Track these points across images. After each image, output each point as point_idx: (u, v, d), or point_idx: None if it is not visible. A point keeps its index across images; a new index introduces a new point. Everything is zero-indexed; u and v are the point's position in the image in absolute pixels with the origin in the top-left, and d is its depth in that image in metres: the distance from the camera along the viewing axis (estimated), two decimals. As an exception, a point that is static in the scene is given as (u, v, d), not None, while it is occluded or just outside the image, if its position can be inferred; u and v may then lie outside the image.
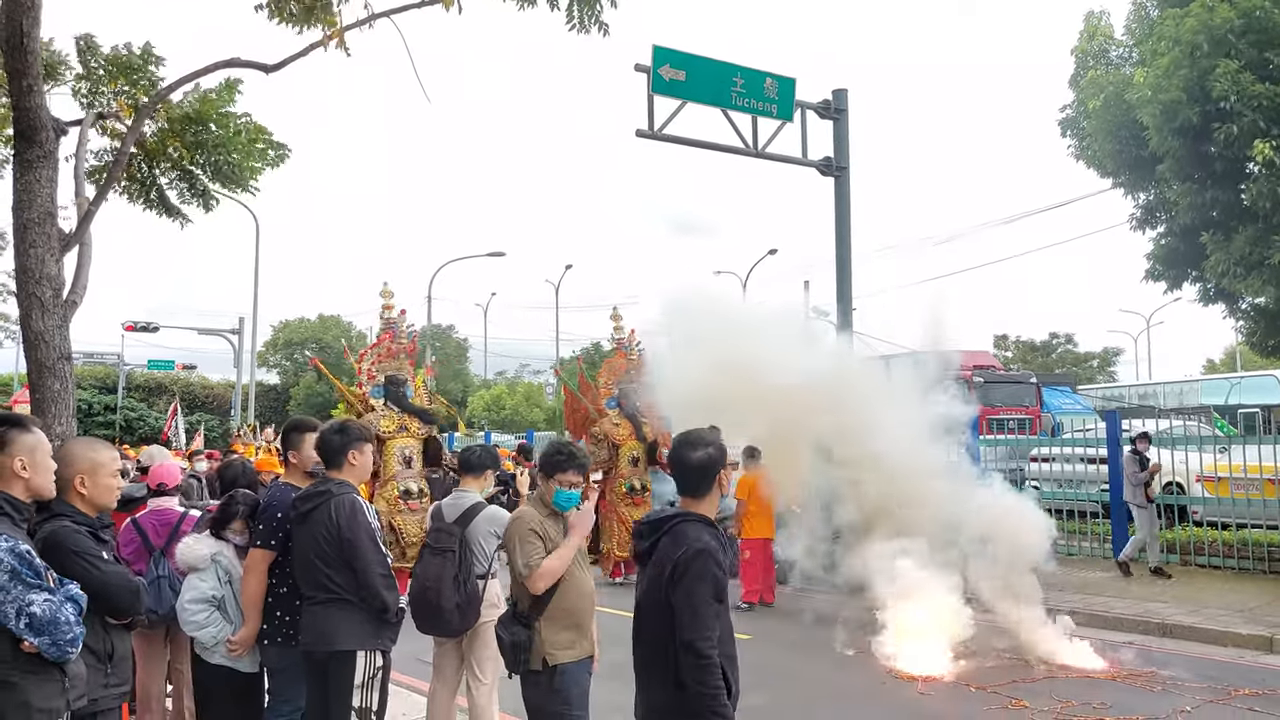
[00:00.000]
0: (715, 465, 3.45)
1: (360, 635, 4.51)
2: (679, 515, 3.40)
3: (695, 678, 3.17)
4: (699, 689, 3.16)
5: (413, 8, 6.49)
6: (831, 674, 8.07)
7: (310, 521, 4.52)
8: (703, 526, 3.35)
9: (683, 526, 3.34)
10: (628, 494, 13.37)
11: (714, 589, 3.24)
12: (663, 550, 3.33)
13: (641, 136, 12.79)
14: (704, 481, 3.44)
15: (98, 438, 4.06)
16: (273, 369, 51.30)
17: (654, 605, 3.32)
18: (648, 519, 3.54)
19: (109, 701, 3.54)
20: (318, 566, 4.49)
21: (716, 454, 3.47)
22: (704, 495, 3.44)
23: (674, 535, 3.33)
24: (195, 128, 7.84)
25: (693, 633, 3.16)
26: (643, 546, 3.44)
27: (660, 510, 3.55)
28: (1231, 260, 14.31)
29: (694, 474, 3.43)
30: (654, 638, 3.34)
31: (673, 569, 3.23)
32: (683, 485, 3.48)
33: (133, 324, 33.86)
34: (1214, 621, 9.54)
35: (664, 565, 3.28)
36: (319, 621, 4.50)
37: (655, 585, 3.31)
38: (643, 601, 3.43)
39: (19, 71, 5.54)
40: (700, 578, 3.20)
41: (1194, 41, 13.45)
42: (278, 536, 4.71)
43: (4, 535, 3.04)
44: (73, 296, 5.96)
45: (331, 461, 4.67)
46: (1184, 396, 24.01)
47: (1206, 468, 13.22)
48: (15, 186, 5.70)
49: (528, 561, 4.26)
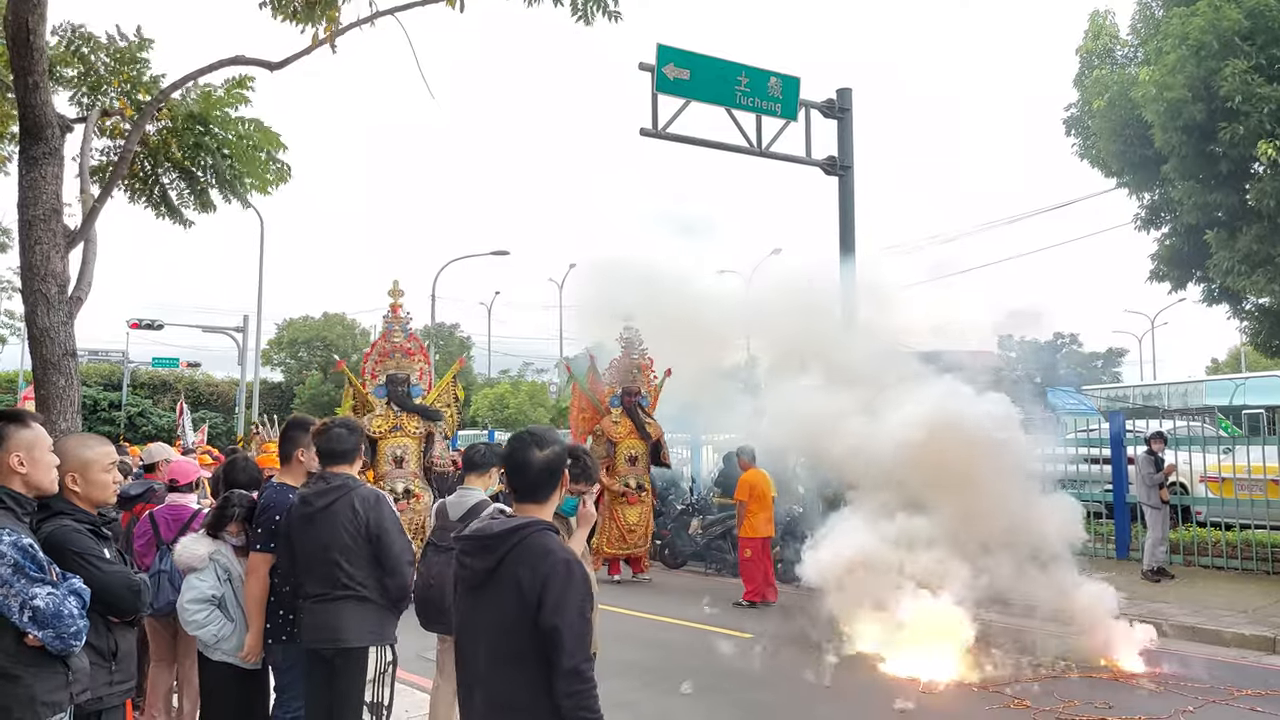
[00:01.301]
0: (560, 467, 3.13)
1: (371, 631, 4.55)
2: (527, 525, 2.98)
3: (582, 704, 2.83)
4: (584, 715, 2.84)
5: (416, 5, 6.49)
6: (834, 673, 8.07)
7: (329, 516, 4.52)
8: (555, 535, 3.01)
9: (537, 538, 2.95)
10: (623, 492, 13.40)
11: (590, 604, 2.95)
12: (516, 566, 2.92)
13: (646, 135, 12.79)
14: (549, 484, 3.10)
15: (92, 433, 4.04)
16: (277, 367, 51.29)
17: (507, 631, 2.91)
18: (482, 532, 3.07)
19: (114, 699, 3.54)
20: (334, 561, 4.49)
21: (562, 453, 3.15)
22: (546, 500, 3.10)
23: (530, 549, 2.93)
24: (198, 128, 7.84)
25: (577, 658, 2.83)
26: (485, 564, 2.99)
27: (489, 522, 3.13)
28: (1236, 259, 14.29)
29: (538, 475, 3.07)
30: (509, 669, 2.92)
31: (542, 587, 2.85)
32: (524, 489, 3.09)
33: (137, 321, 33.95)
34: (1217, 622, 9.53)
35: (523, 584, 2.88)
36: (329, 618, 4.49)
37: (507, 607, 2.91)
38: (484, 627, 2.98)
39: (25, 69, 5.54)
40: (578, 594, 2.88)
41: (1201, 40, 13.43)
42: (277, 538, 4.71)
43: (7, 529, 3.06)
44: (78, 293, 5.97)
45: (344, 457, 4.70)
46: (1188, 397, 23.92)
47: (1210, 468, 13.21)
48: (21, 183, 5.70)
49: None
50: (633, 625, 10.38)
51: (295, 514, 4.62)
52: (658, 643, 9.55)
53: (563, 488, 3.15)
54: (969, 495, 8.45)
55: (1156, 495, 12.06)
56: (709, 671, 8.43)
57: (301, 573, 4.61)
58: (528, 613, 2.86)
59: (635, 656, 8.63)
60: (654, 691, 7.71)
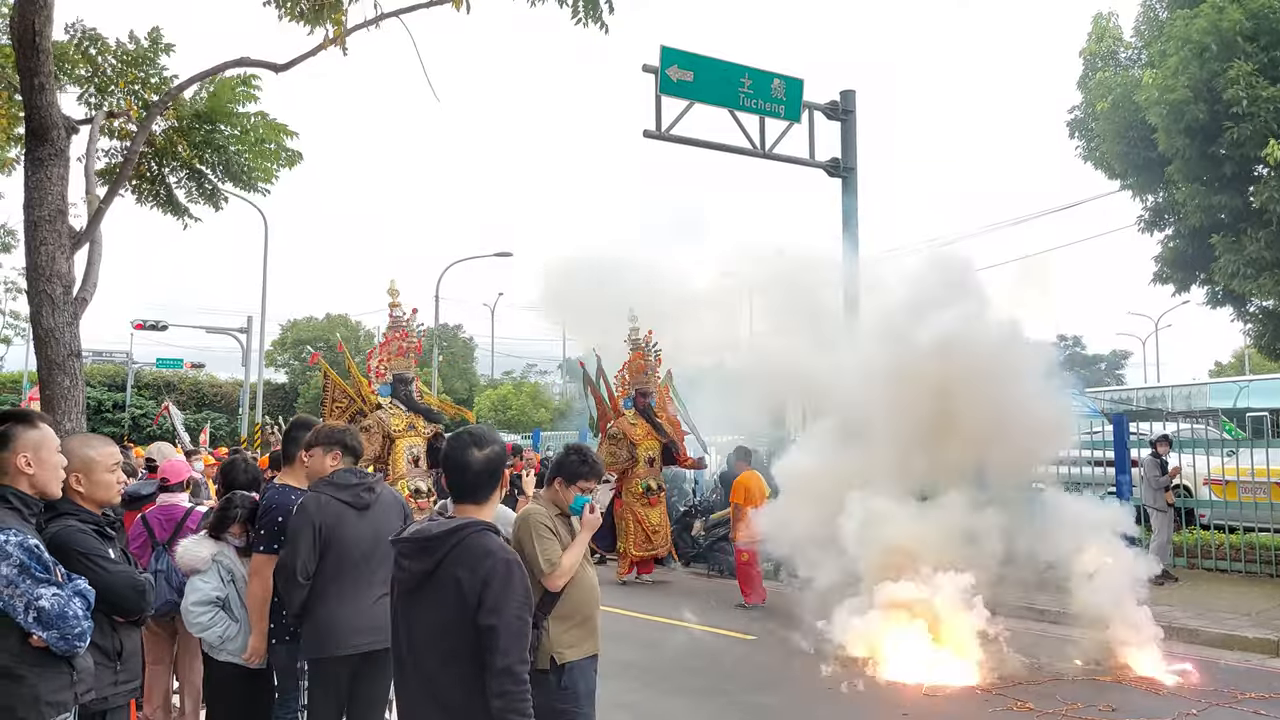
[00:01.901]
0: (499, 466, 3.10)
1: None
2: (466, 526, 2.95)
3: (512, 706, 2.82)
4: (515, 717, 2.83)
5: (421, 7, 6.51)
6: (837, 675, 8.07)
7: (379, 510, 4.56)
8: (495, 535, 2.98)
9: (476, 539, 2.93)
10: (644, 494, 13.45)
11: (529, 605, 2.93)
12: (455, 567, 2.90)
13: (649, 137, 12.81)
14: (489, 485, 3.08)
15: (96, 434, 4.05)
16: (281, 368, 51.41)
17: (445, 632, 2.91)
18: (420, 534, 3.03)
19: (119, 699, 3.56)
20: (375, 560, 4.47)
21: (503, 453, 3.13)
22: (486, 500, 3.08)
23: (469, 550, 2.91)
24: (205, 126, 7.87)
25: (511, 657, 2.82)
26: (423, 566, 2.97)
27: (428, 523, 3.08)
28: (1242, 262, 14.28)
29: (477, 476, 3.05)
30: (446, 670, 2.91)
31: (482, 587, 2.84)
32: (463, 489, 3.07)
33: (142, 322, 34.02)
34: (1221, 625, 9.51)
35: (463, 585, 2.86)
36: (379, 619, 4.27)
37: (447, 609, 2.90)
38: (421, 629, 2.98)
39: (31, 70, 5.57)
40: (517, 593, 2.87)
41: (1203, 42, 13.43)
42: (280, 540, 4.65)
43: (13, 530, 3.07)
44: (83, 294, 5.99)
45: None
46: (1192, 400, 23.89)
47: (1214, 471, 13.19)
48: (27, 184, 5.73)
49: (549, 558, 4.24)
50: (633, 626, 10.38)
51: (338, 506, 4.47)
52: (658, 644, 9.54)
53: (502, 489, 3.14)
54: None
55: (1162, 498, 12.04)
56: (710, 673, 8.43)
57: (344, 569, 4.43)
58: (467, 614, 2.85)
59: (635, 657, 8.63)
60: (654, 692, 7.71)
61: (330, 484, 4.56)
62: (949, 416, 8.69)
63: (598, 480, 4.48)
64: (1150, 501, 12.17)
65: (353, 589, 4.43)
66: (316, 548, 4.37)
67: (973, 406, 8.59)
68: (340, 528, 4.43)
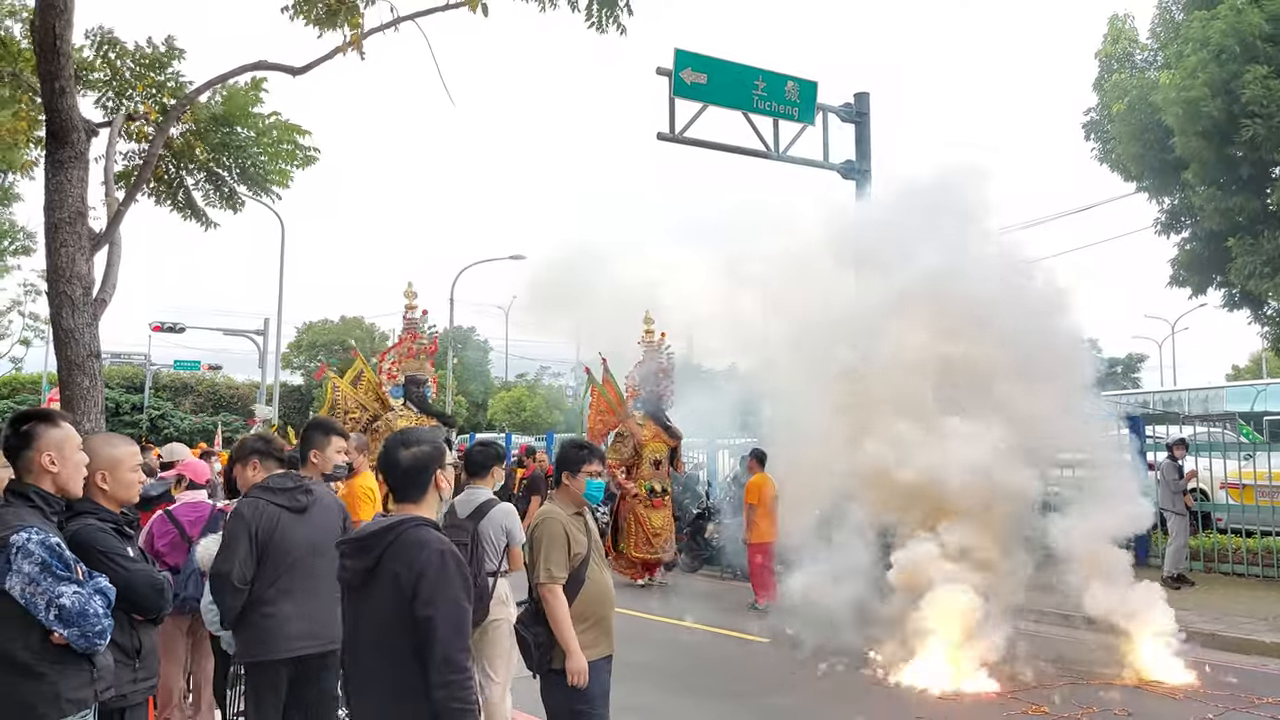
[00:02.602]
0: (428, 464, 3.15)
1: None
2: (402, 522, 3.02)
3: (455, 695, 2.85)
4: (458, 706, 2.86)
5: (438, 10, 6.55)
6: (849, 678, 8.07)
7: (320, 512, 4.50)
8: (433, 529, 3.04)
9: (412, 533, 2.99)
10: (647, 496, 13.42)
11: (467, 594, 2.96)
12: (393, 562, 2.96)
13: (663, 139, 12.82)
14: (419, 482, 3.14)
15: (116, 433, 4.09)
16: (296, 370, 51.68)
17: (388, 627, 2.95)
18: (360, 533, 3.14)
19: (138, 696, 3.59)
20: (320, 560, 4.35)
21: (432, 452, 3.17)
22: (421, 498, 3.14)
23: (405, 544, 2.97)
24: (222, 129, 7.94)
25: (451, 646, 2.86)
26: (364, 564, 3.03)
27: (371, 524, 3.16)
28: (1259, 263, 14.20)
29: (406, 474, 3.13)
30: (392, 665, 2.95)
31: (418, 579, 2.89)
32: (396, 488, 3.16)
33: (160, 324, 34.24)
34: (1237, 629, 9.46)
35: (401, 578, 2.92)
36: (329, 619, 4.21)
37: (387, 603, 2.95)
38: (367, 627, 3.05)
39: (52, 74, 5.63)
40: (453, 583, 2.91)
41: (1222, 44, 13.36)
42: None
43: (35, 528, 3.10)
44: (102, 295, 6.05)
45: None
46: (1209, 403, 23.73)
47: (1231, 474, 13.11)
48: (47, 186, 5.79)
49: (549, 569, 4.29)
50: (648, 628, 10.39)
51: (274, 509, 4.41)
52: (672, 646, 9.56)
53: (437, 487, 3.19)
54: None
55: (1180, 501, 11.98)
56: (723, 675, 8.44)
57: (280, 572, 4.36)
58: (405, 606, 2.90)
59: (647, 659, 8.64)
60: (666, 694, 7.72)
61: (265, 489, 4.50)
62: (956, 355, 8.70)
63: (601, 460, 4.60)
64: (1169, 505, 12.11)
65: (290, 593, 4.35)
66: (254, 553, 4.30)
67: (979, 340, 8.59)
68: (277, 531, 4.35)
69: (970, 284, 8.71)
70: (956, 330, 8.74)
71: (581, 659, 4.25)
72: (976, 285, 8.72)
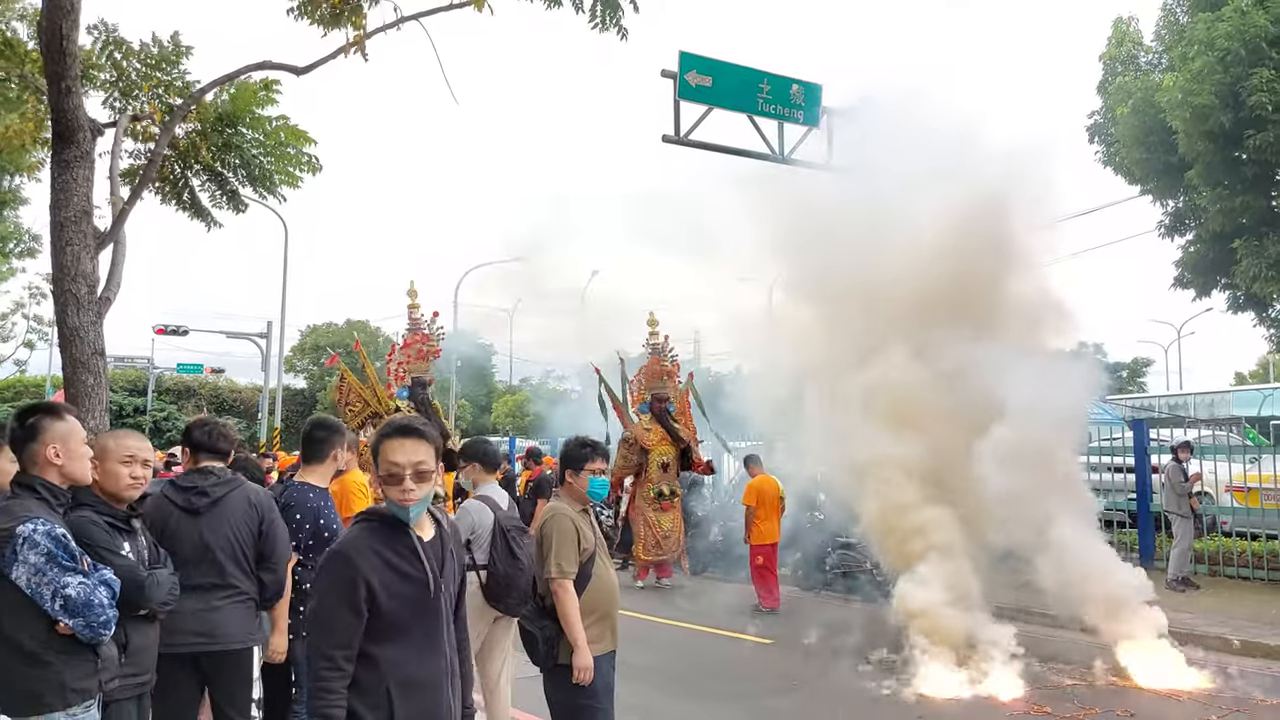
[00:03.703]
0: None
1: (252, 631, 4.38)
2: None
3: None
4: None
5: (442, 10, 6.57)
6: (853, 681, 8.06)
7: (220, 510, 4.31)
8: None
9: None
10: (655, 499, 13.45)
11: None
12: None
13: (668, 142, 12.84)
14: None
15: (128, 429, 4.08)
16: (300, 373, 51.71)
17: None
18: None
19: (124, 692, 3.51)
20: (217, 560, 4.24)
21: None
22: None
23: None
24: (227, 130, 7.96)
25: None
26: None
27: None
28: (1264, 265, 14.17)
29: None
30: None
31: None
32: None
33: (163, 327, 34.27)
34: (1242, 632, 9.44)
35: None
36: (213, 619, 4.21)
37: None
38: None
39: (58, 74, 5.66)
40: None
41: (1228, 47, 13.34)
42: (298, 537, 4.78)
43: (41, 519, 3.12)
44: (107, 293, 6.07)
45: (221, 454, 4.58)
46: (1215, 408, 23.71)
47: (1236, 478, 13.08)
48: (53, 185, 5.81)
49: (560, 564, 4.30)
50: (648, 630, 10.38)
51: (169, 507, 4.29)
52: (675, 647, 9.55)
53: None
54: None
55: (1186, 504, 11.96)
56: (725, 677, 8.43)
57: (179, 564, 4.12)
58: None
59: (649, 660, 8.63)
60: (667, 695, 7.72)
61: (172, 484, 4.46)
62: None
63: (605, 459, 4.60)
64: (1174, 508, 12.08)
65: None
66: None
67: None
68: (166, 528, 4.20)
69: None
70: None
71: (588, 655, 4.26)
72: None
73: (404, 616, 2.86)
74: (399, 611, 2.85)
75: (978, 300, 9.31)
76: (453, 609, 3.06)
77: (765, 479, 11.74)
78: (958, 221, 9.16)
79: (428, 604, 2.90)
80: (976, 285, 9.31)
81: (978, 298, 9.31)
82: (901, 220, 9.40)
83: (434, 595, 2.91)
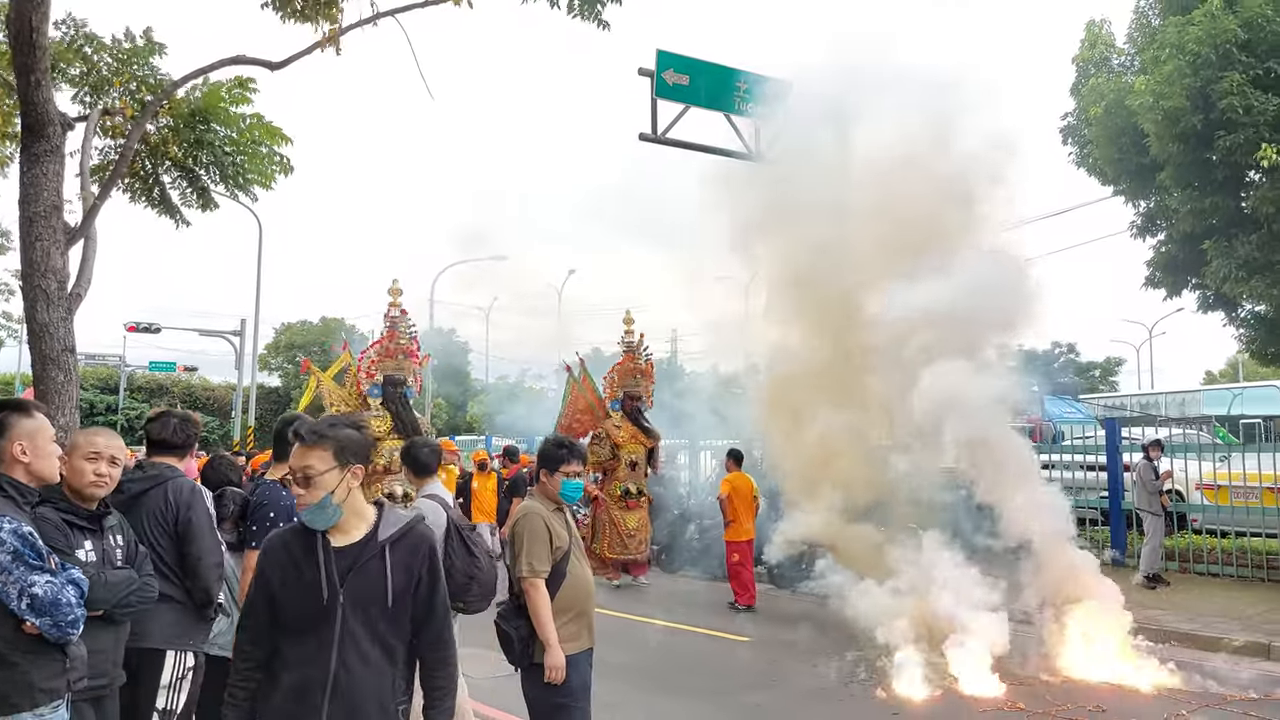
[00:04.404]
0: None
1: (172, 634, 4.09)
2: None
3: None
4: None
5: (417, 6, 6.54)
6: (829, 677, 8.10)
7: (137, 506, 4.08)
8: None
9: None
10: (622, 497, 13.42)
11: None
12: None
13: (645, 140, 12.85)
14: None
15: (100, 427, 4.02)
16: (274, 372, 51.30)
17: None
18: None
19: (78, 694, 3.33)
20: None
21: None
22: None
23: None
24: (199, 126, 7.88)
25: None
26: None
27: None
28: (1233, 265, 14.37)
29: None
30: None
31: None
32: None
33: (135, 325, 33.91)
34: (1211, 628, 9.55)
35: None
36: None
37: None
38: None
39: (28, 67, 5.59)
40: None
41: (1198, 51, 13.50)
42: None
43: (7, 517, 3.08)
44: (77, 289, 6.01)
45: (173, 450, 4.39)
46: (1186, 407, 23.97)
47: (1206, 475, 13.24)
48: (22, 180, 5.74)
49: (531, 563, 4.29)
50: (623, 627, 10.37)
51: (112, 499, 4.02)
52: (651, 646, 9.55)
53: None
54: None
55: (1156, 502, 12.09)
56: (701, 674, 8.44)
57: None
58: None
59: (624, 658, 8.62)
60: (642, 693, 7.72)
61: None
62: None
63: (582, 462, 4.56)
64: (1147, 506, 12.22)
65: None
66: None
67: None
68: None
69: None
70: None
71: (559, 654, 4.24)
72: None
73: (292, 616, 2.92)
74: (288, 610, 2.92)
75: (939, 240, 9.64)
76: (390, 616, 2.94)
77: (740, 476, 11.77)
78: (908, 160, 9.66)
79: (319, 609, 2.87)
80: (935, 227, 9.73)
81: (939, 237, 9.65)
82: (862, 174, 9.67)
83: (327, 601, 2.87)
